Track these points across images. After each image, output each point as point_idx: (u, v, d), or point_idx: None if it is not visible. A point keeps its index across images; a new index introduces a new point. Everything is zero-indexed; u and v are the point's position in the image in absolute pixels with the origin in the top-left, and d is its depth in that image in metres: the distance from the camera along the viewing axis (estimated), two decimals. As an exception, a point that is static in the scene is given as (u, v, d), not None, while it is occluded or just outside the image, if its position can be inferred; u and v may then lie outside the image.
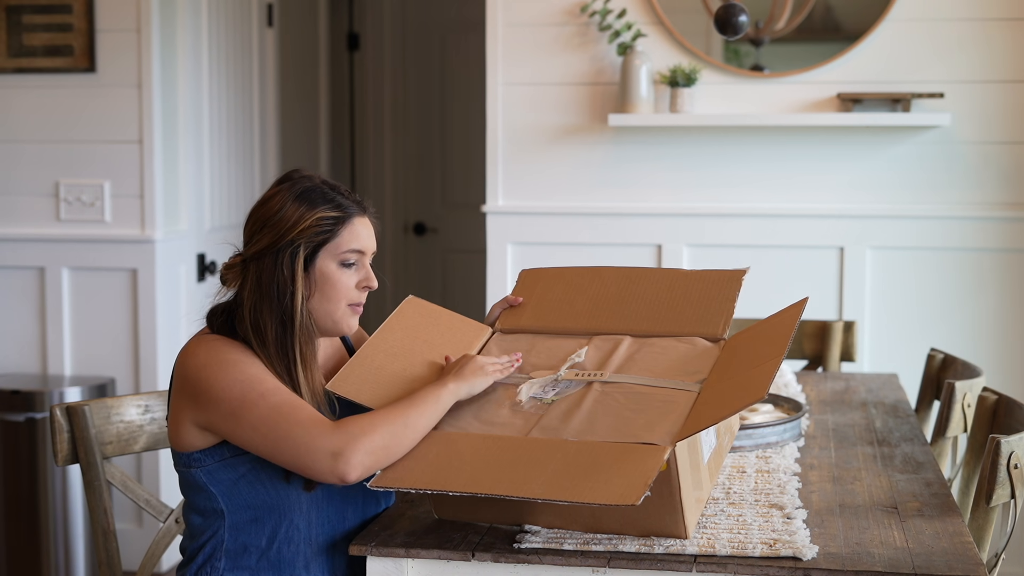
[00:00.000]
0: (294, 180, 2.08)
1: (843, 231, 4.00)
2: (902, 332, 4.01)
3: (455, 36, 6.13)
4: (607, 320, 2.23)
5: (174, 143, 4.40)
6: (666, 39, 4.03)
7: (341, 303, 2.07)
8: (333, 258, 2.05)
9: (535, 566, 1.89)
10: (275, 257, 2.02)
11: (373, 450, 1.92)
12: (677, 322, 2.18)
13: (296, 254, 2.02)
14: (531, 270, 2.38)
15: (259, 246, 2.03)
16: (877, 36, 3.94)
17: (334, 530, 2.10)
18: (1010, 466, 2.14)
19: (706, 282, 2.23)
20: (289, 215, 2.02)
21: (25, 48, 4.29)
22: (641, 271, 2.30)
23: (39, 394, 4.11)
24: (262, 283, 2.03)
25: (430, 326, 2.24)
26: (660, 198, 4.09)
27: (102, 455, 2.36)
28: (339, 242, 2.05)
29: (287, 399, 1.96)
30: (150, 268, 4.26)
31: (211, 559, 2.07)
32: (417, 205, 6.29)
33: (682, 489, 1.87)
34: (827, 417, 2.87)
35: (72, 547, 4.15)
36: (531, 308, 2.30)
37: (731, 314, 2.16)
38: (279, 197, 2.05)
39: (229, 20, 4.78)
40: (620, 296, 2.25)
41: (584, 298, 2.27)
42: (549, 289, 2.32)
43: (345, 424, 1.94)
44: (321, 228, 2.03)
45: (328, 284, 2.05)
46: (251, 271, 2.04)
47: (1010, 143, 3.93)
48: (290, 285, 2.02)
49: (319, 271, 2.04)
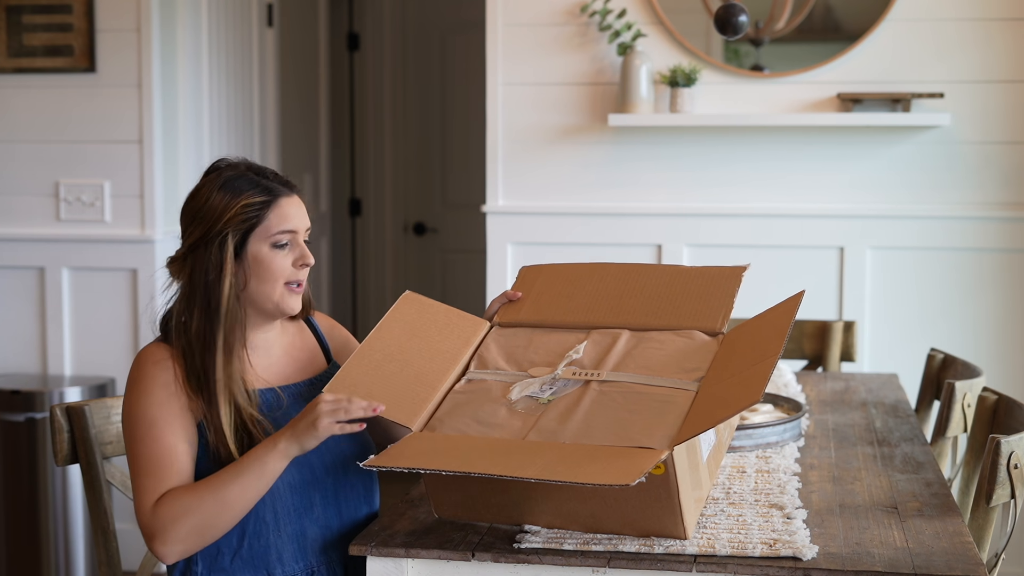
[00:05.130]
0: (220, 170, 2.11)
1: (843, 231, 4.00)
2: (902, 332, 4.01)
3: (455, 36, 6.13)
4: (606, 314, 2.23)
5: (174, 143, 4.40)
6: (666, 39, 4.03)
7: (278, 284, 2.09)
8: (264, 241, 2.08)
9: (535, 566, 1.89)
10: (206, 248, 2.06)
11: (185, 536, 1.98)
12: (676, 316, 2.19)
13: (224, 242, 2.05)
14: (531, 266, 2.38)
15: (192, 239, 2.07)
16: (877, 36, 3.94)
17: (302, 518, 2.10)
18: (1010, 466, 2.14)
19: (706, 278, 2.24)
20: (215, 205, 2.06)
21: (25, 48, 4.29)
22: (641, 267, 2.31)
23: (39, 394, 4.11)
24: (194, 276, 2.07)
25: (428, 322, 2.23)
26: (660, 198, 4.09)
27: (102, 455, 2.36)
28: (268, 225, 2.08)
29: (155, 453, 2.01)
30: (150, 268, 4.26)
31: (190, 565, 2.08)
32: (417, 205, 6.29)
33: (680, 491, 1.87)
34: (827, 417, 2.87)
35: (72, 547, 4.15)
36: (530, 302, 2.30)
37: (730, 309, 2.16)
38: (206, 189, 2.09)
39: (229, 20, 4.78)
40: (619, 291, 2.26)
41: (583, 293, 2.28)
42: (549, 284, 2.32)
43: (161, 506, 1.98)
44: (247, 214, 2.06)
45: (262, 267, 2.08)
46: (186, 264, 2.08)
47: (1010, 143, 3.93)
48: (217, 273, 2.05)
49: (251, 256, 2.08)
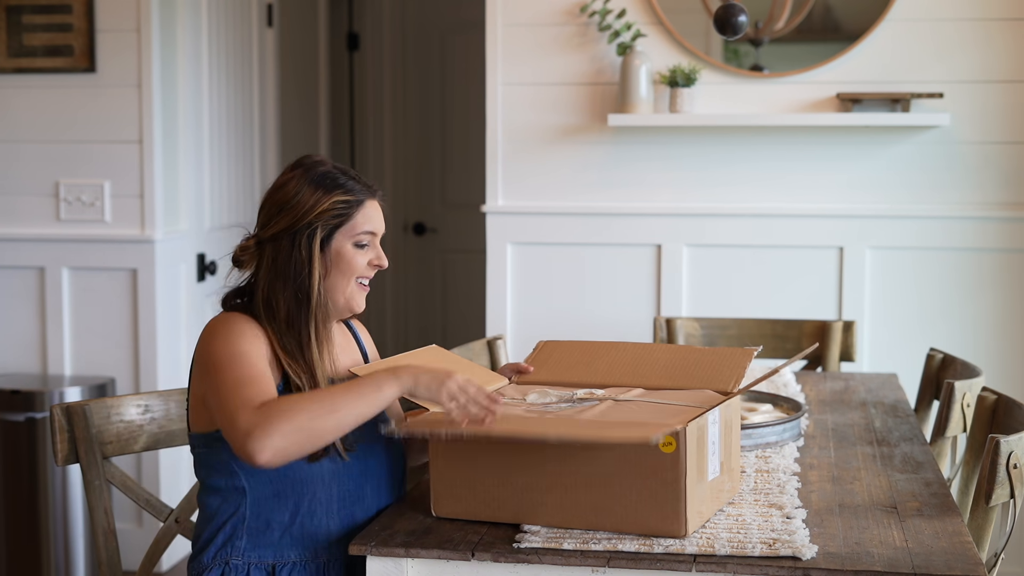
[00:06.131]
0: (306, 166, 2.18)
1: (843, 231, 4.00)
2: (902, 332, 4.01)
3: (455, 36, 6.13)
4: (622, 378, 2.32)
5: (174, 143, 4.40)
6: (666, 39, 4.03)
7: (352, 280, 2.17)
8: (348, 238, 2.15)
9: (535, 566, 1.89)
10: (292, 239, 2.12)
11: (289, 431, 1.89)
12: (689, 380, 2.27)
13: (313, 235, 2.12)
14: (550, 341, 2.49)
15: (276, 229, 2.13)
16: (877, 36, 3.94)
17: (354, 505, 2.13)
18: (1009, 466, 2.14)
19: (718, 354, 2.34)
20: (306, 199, 2.13)
21: (25, 48, 4.29)
22: (656, 345, 2.45)
23: (39, 394, 4.11)
24: (278, 263, 2.12)
25: (448, 360, 2.30)
26: (660, 198, 4.09)
27: (102, 455, 2.36)
28: (354, 224, 2.16)
29: (249, 374, 1.99)
30: (150, 268, 4.26)
31: (232, 539, 2.09)
32: (417, 205, 6.29)
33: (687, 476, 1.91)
34: (826, 417, 2.87)
35: (72, 547, 4.15)
36: (548, 368, 2.39)
37: (742, 376, 2.24)
38: (295, 182, 2.15)
39: (229, 20, 4.78)
40: (635, 361, 2.36)
41: (601, 361, 2.38)
42: (566, 354, 2.43)
43: (270, 403, 1.93)
44: (337, 211, 2.14)
45: (343, 263, 2.15)
46: (267, 252, 2.14)
47: (1010, 143, 3.93)
48: (307, 265, 2.12)
49: (335, 251, 2.15)
